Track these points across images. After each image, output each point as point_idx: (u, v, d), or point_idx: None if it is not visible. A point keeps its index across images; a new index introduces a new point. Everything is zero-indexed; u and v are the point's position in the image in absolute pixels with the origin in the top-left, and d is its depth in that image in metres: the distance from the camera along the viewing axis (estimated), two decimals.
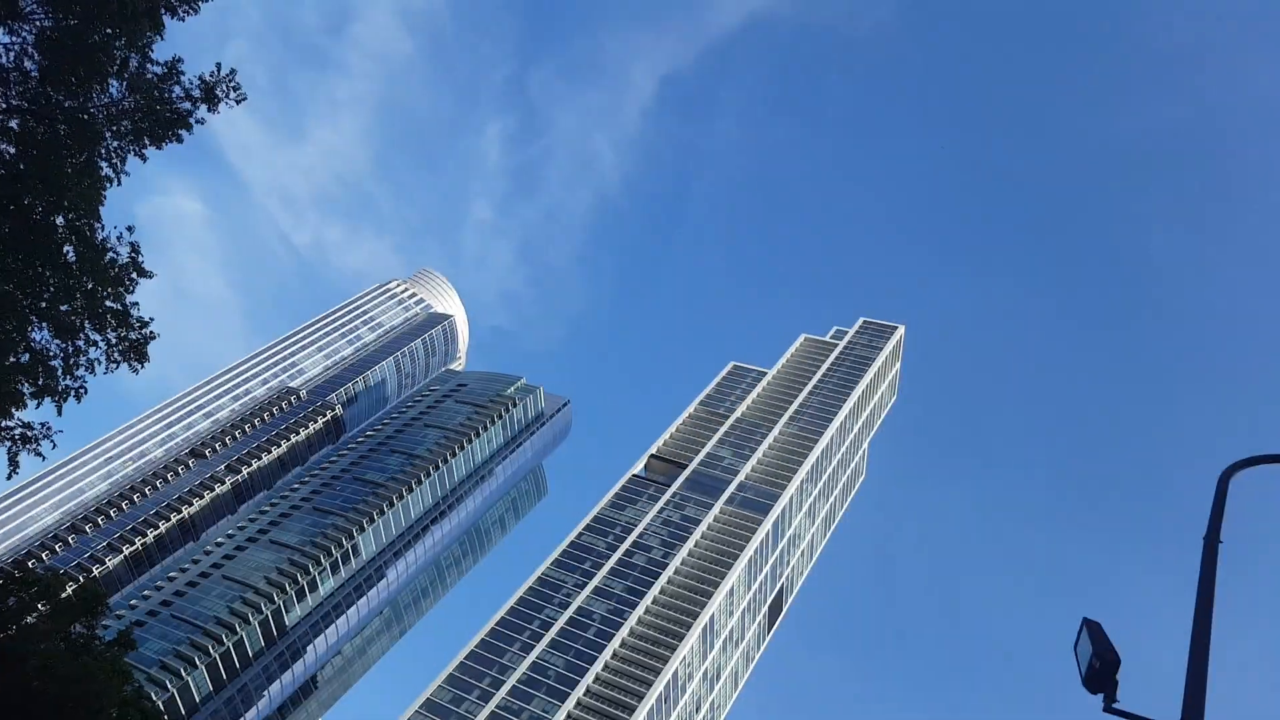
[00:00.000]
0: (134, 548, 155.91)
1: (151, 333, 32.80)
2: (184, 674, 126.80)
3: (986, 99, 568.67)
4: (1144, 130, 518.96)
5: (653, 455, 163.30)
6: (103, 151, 27.75)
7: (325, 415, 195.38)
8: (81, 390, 32.29)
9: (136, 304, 32.53)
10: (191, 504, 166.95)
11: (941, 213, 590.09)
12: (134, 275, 31.22)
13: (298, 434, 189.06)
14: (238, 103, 30.62)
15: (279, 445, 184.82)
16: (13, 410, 30.97)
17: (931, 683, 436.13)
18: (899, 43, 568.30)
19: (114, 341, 31.80)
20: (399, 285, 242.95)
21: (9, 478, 32.96)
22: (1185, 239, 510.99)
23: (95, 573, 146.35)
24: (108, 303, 31.35)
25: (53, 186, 25.35)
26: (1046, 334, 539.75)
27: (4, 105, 25.84)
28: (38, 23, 25.88)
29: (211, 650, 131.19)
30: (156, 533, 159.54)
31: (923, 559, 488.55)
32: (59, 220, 27.31)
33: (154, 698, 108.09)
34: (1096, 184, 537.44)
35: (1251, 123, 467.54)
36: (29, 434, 31.81)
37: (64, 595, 45.65)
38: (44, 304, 29.26)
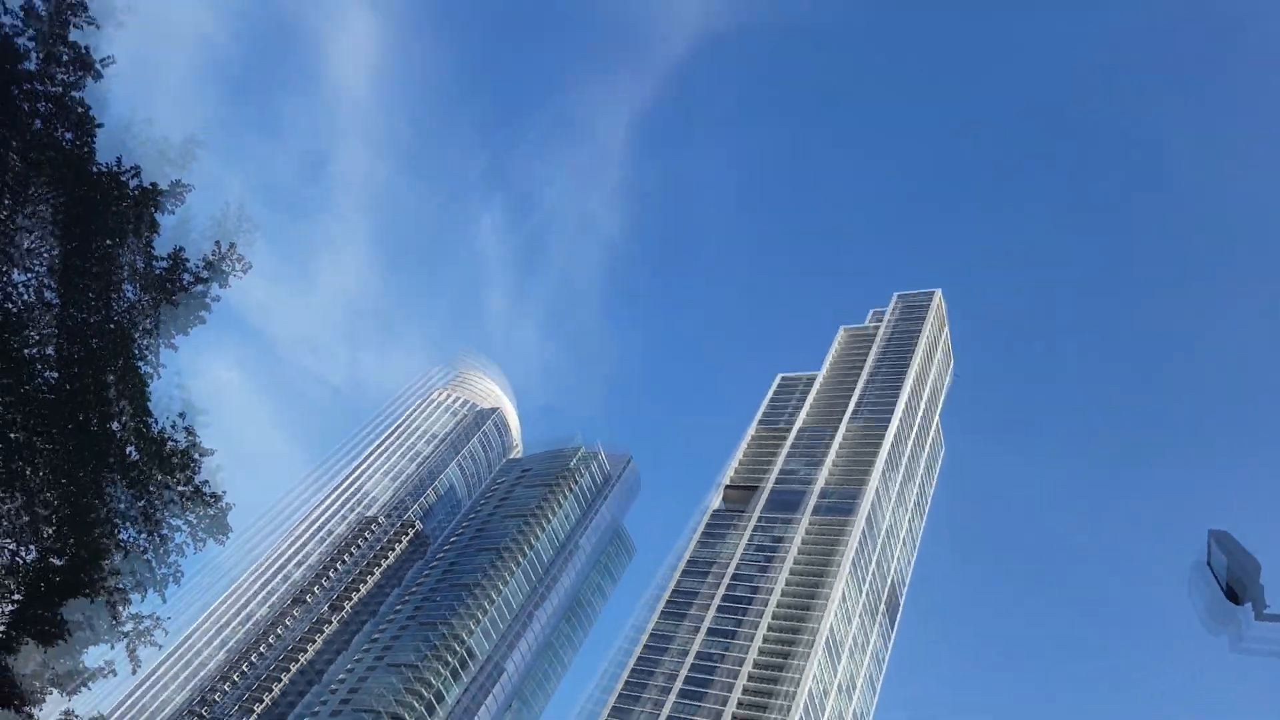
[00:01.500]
0: (264, 704, 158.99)
1: (227, 504, 34.50)
2: None
3: (957, 49, 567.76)
4: (1138, 31, 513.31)
5: (726, 486, 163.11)
6: (136, 353, 29.69)
7: (408, 534, 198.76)
8: (178, 574, 34.02)
9: (206, 481, 34.32)
10: (306, 650, 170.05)
11: (943, 175, 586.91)
12: (196, 457, 33.01)
13: (387, 558, 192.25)
14: (244, 272, 32.52)
15: (373, 573, 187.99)
16: (121, 609, 32.70)
17: (1065, 638, 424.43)
18: (841, 20, 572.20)
19: (194, 522, 33.52)
20: (441, 393, 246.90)
21: (134, 672, 34.64)
22: (1200, 139, 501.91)
23: None
24: (179, 488, 33.17)
25: (100, 398, 27.28)
26: (1082, 269, 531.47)
27: (37, 337, 27.91)
28: (45, 254, 27.99)
29: None
30: (281, 685, 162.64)
31: (1024, 515, 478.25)
32: (114, 426, 29.17)
33: None
34: (1094, 98, 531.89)
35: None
36: (140, 627, 33.46)
37: None
38: (122, 505, 31.09)
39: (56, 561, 26.67)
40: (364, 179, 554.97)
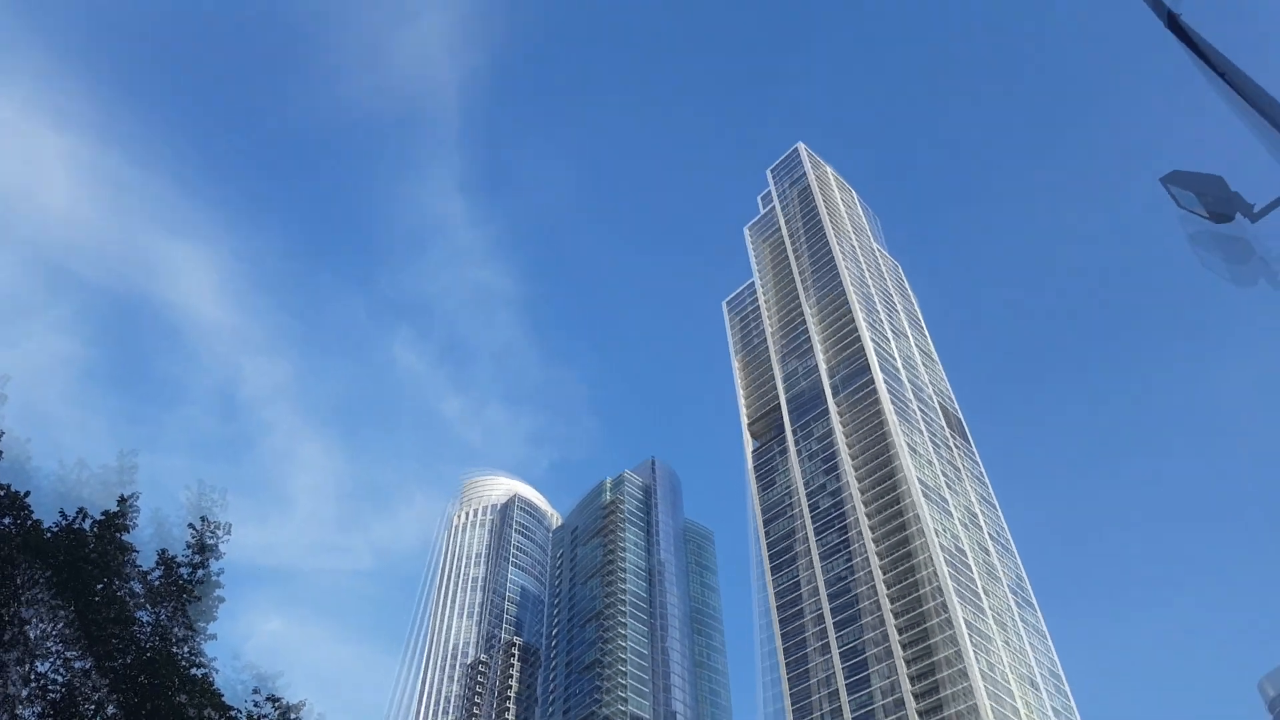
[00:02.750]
0: None
1: None
2: None
3: None
4: None
5: (749, 425, 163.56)
6: (184, 664, 28.89)
7: (514, 654, 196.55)
8: None
9: None
10: None
11: (755, 50, 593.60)
12: (288, 713, 32.26)
13: (511, 687, 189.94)
14: (228, 535, 31.86)
15: (507, 709, 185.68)
16: None
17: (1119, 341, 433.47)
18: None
19: None
20: (459, 515, 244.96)
21: None
22: None
23: None
24: None
25: (180, 716, 26.51)
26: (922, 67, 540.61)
27: (93, 706, 27.07)
28: (54, 632, 26.98)
29: None
30: None
31: (1012, 253, 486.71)
32: None
33: None
34: None
35: None
36: None
37: None
38: None
39: None
40: (273, 384, 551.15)
